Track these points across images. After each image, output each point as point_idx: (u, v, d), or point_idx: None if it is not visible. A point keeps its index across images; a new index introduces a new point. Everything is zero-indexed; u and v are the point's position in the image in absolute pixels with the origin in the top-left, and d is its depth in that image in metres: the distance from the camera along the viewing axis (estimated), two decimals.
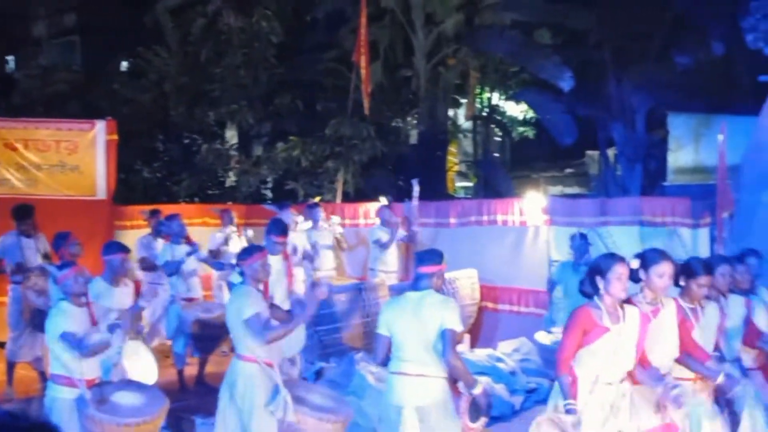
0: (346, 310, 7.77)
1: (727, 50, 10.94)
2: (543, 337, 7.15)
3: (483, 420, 4.27)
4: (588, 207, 8.23)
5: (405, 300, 4.25)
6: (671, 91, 12.04)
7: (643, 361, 3.98)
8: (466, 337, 8.62)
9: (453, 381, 4.17)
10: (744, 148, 8.29)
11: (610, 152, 14.24)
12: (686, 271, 4.28)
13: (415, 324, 4.09)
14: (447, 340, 3.99)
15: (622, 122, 12.47)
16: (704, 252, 7.90)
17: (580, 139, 14.99)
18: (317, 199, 10.84)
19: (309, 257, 8.52)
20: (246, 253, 4.84)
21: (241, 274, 4.74)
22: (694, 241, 7.90)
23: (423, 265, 4.27)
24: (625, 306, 3.95)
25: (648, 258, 4.06)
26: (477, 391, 4.08)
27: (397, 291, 8.26)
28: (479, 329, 8.68)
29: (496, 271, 8.65)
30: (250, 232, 8.59)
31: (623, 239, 7.77)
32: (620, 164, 13.45)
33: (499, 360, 7.42)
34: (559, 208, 8.46)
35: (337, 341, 7.67)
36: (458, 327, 4.10)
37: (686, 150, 13.14)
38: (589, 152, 18.15)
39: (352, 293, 7.92)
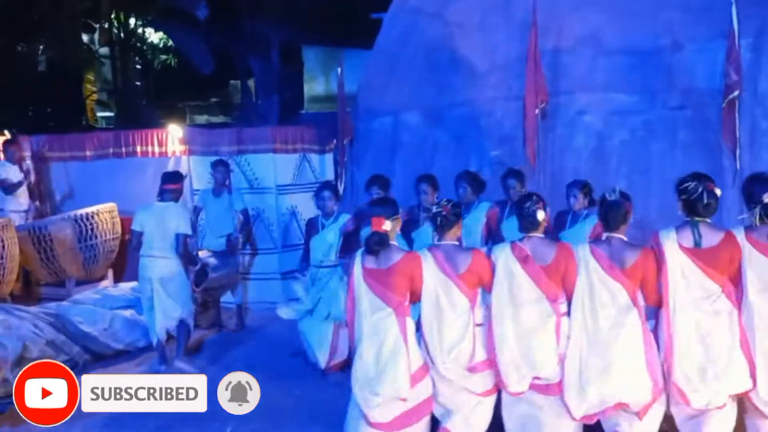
0: None
1: None
2: None
3: (203, 285, 6.64)
4: (224, 136, 8.54)
5: (154, 208, 6.16)
6: (303, 26, 12.79)
7: None
8: (110, 273, 8.53)
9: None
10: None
11: (251, 83, 14.73)
12: None
13: (160, 225, 6.03)
14: (178, 241, 6.06)
15: (258, 54, 12.95)
16: (330, 175, 8.84)
17: (222, 69, 15.19)
18: None
19: None
20: None
21: None
22: (322, 165, 8.78)
23: (165, 183, 6.17)
24: None
25: None
26: (197, 267, 6.47)
27: (26, 230, 7.81)
28: (123, 263, 8.60)
29: (138, 203, 8.42)
30: None
31: (259, 166, 8.32)
32: (259, 94, 14.03)
33: None
34: (197, 138, 8.65)
35: None
36: (188, 231, 6.16)
37: (318, 81, 14.22)
38: (233, 82, 18.43)
39: None
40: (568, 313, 3.99)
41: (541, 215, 4.08)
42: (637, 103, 7.01)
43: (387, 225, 4.06)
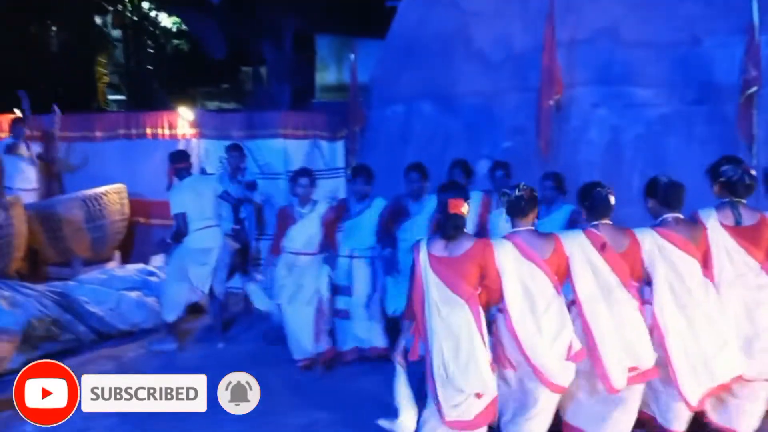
0: None
1: None
2: None
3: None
4: (236, 120, 8.49)
5: (185, 185, 6.26)
6: (317, 14, 12.69)
7: None
8: (117, 254, 8.50)
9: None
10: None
11: (263, 70, 14.63)
12: None
13: (201, 195, 6.25)
14: (224, 196, 6.58)
15: (271, 41, 12.88)
16: (340, 162, 8.77)
17: (235, 56, 15.08)
18: None
19: None
20: None
21: None
22: (332, 152, 8.71)
23: (178, 163, 6.35)
24: None
25: None
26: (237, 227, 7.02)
27: (34, 209, 7.78)
28: (131, 244, 8.58)
29: (147, 185, 8.53)
30: None
31: (269, 151, 8.27)
32: (271, 82, 13.95)
33: (151, 273, 7.48)
34: (208, 121, 8.61)
35: None
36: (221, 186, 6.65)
37: (331, 70, 14.08)
38: (245, 69, 18.34)
39: None
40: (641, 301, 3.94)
41: (613, 199, 3.94)
42: (654, 96, 6.91)
43: (465, 207, 3.79)
